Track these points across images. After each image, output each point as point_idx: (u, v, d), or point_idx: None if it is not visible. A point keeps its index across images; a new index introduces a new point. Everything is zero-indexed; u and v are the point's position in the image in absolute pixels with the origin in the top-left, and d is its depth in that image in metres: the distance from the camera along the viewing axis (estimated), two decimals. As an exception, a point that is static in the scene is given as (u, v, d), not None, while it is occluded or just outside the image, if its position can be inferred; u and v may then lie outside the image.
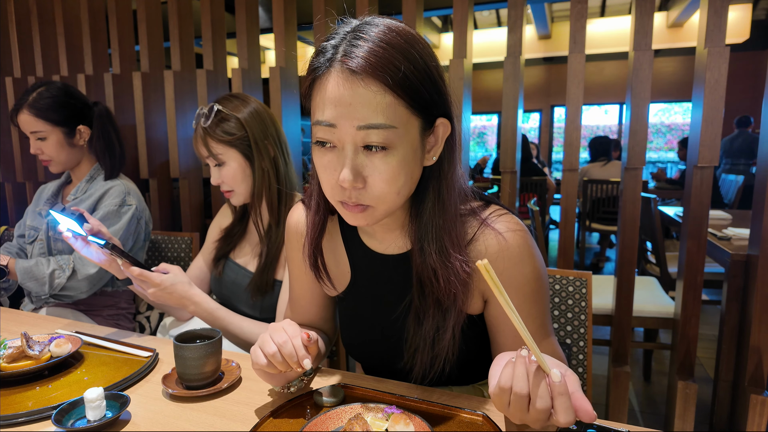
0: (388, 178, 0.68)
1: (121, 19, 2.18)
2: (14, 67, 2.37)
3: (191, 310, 1.14)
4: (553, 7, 6.68)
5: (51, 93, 1.53)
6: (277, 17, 1.96)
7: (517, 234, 0.78)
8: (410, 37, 0.68)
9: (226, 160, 1.23)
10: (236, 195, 1.27)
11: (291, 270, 0.99)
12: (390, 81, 0.64)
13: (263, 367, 0.76)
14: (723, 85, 1.43)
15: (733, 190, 4.55)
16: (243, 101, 1.26)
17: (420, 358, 0.81)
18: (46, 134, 1.53)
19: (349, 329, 0.96)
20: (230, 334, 1.17)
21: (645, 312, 2.10)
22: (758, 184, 1.45)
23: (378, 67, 0.64)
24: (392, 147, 0.67)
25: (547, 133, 9.72)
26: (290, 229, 0.96)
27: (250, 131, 1.23)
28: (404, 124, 0.67)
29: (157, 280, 1.08)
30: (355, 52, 0.65)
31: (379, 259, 0.87)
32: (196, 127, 1.24)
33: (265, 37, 6.12)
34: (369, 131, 0.65)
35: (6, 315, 1.30)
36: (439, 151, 0.74)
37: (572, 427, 0.70)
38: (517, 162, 1.70)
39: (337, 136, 0.67)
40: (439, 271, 0.75)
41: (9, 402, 0.84)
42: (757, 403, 1.44)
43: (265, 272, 1.26)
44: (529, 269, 0.78)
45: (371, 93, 0.64)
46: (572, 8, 1.58)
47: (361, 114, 0.65)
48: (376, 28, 0.67)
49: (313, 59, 0.70)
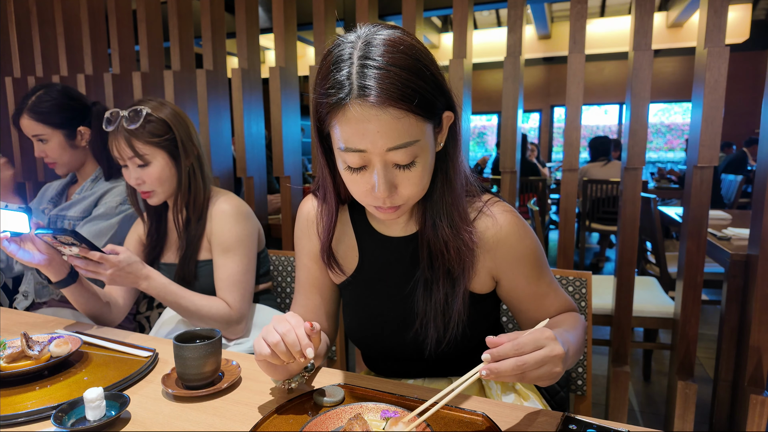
0: (418, 181, 0.77)
1: (121, 19, 2.18)
2: (14, 67, 2.37)
3: (144, 286, 1.18)
4: (553, 7, 6.69)
5: (51, 96, 1.54)
6: (277, 17, 1.96)
7: (511, 214, 0.88)
8: (413, 50, 0.72)
9: (151, 161, 1.26)
10: (156, 195, 1.31)
11: (299, 259, 1.02)
12: (408, 105, 0.69)
13: (267, 357, 0.75)
14: (723, 85, 1.43)
15: (732, 190, 4.56)
16: (161, 104, 1.30)
17: (434, 326, 0.87)
18: (48, 137, 1.54)
19: (353, 314, 0.98)
20: (183, 308, 1.22)
21: (645, 312, 2.10)
22: (758, 184, 1.45)
23: (395, 95, 0.68)
24: (418, 158, 0.74)
25: (547, 133, 9.73)
26: (302, 219, 1.01)
27: (177, 132, 1.28)
28: (423, 134, 0.74)
29: (115, 260, 1.11)
30: (369, 83, 0.68)
31: (387, 242, 0.94)
32: (117, 128, 1.24)
33: (265, 37, 6.11)
34: (397, 151, 0.72)
35: (6, 315, 1.30)
36: (445, 137, 0.81)
37: (572, 427, 0.70)
38: (517, 162, 1.71)
39: (366, 159, 0.74)
40: (451, 243, 0.83)
41: (9, 402, 0.84)
42: (756, 403, 1.44)
43: (186, 263, 1.32)
44: (528, 241, 0.89)
45: (394, 119, 0.70)
46: (572, 8, 1.58)
47: (387, 138, 0.71)
48: (381, 48, 0.70)
49: (327, 91, 0.72)
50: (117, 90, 2.19)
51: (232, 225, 1.31)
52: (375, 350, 0.99)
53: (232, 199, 1.35)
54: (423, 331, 0.88)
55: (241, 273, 1.30)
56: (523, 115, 8.77)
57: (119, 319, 1.35)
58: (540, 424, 0.74)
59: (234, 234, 1.30)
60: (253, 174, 2.09)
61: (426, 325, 0.87)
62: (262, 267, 1.46)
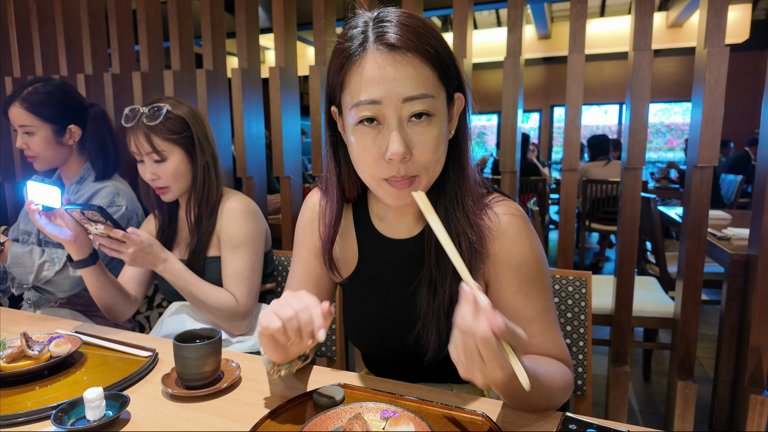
0: (433, 146, 0.73)
1: (121, 19, 2.18)
2: (14, 67, 2.37)
3: (161, 268, 1.22)
4: (552, 7, 6.69)
5: (47, 89, 1.53)
6: (277, 17, 1.96)
7: (515, 218, 0.82)
8: (427, 21, 0.74)
9: (168, 157, 1.29)
10: (170, 191, 1.33)
11: (298, 251, 1.00)
12: (428, 53, 0.69)
13: (275, 331, 0.69)
14: (723, 85, 1.43)
15: (732, 190, 4.55)
16: (180, 102, 1.34)
17: (436, 328, 0.82)
18: (35, 129, 1.52)
19: (353, 315, 0.97)
20: (193, 295, 1.25)
21: (645, 312, 2.10)
22: (758, 184, 1.45)
23: (416, 41, 0.69)
24: (434, 115, 0.72)
25: (547, 133, 9.73)
26: (307, 210, 0.99)
27: (194, 130, 1.32)
28: (438, 93, 0.73)
29: (137, 240, 1.15)
30: (388, 30, 0.69)
31: (388, 244, 0.91)
32: (136, 124, 1.28)
33: (265, 37, 6.12)
34: (414, 102, 0.69)
35: (6, 315, 1.30)
36: (455, 125, 0.80)
37: (571, 427, 0.70)
38: (516, 162, 1.70)
39: (382, 112, 0.71)
40: (463, 236, 0.78)
41: (9, 402, 0.84)
42: (756, 403, 1.44)
43: (195, 259, 1.34)
44: (527, 249, 0.80)
45: (412, 66, 0.69)
46: (572, 8, 1.58)
47: (405, 86, 0.69)
48: (394, 13, 0.73)
49: (341, 46, 0.73)
50: (117, 90, 2.18)
51: (242, 223, 1.33)
52: (374, 352, 0.98)
53: (242, 198, 1.38)
54: (425, 334, 0.84)
55: (248, 269, 1.31)
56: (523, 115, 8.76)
57: (130, 313, 1.37)
58: (540, 424, 0.74)
59: (243, 231, 1.32)
60: (253, 174, 2.09)
61: (428, 327, 0.83)
62: (268, 267, 1.47)
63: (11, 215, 2.49)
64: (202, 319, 1.33)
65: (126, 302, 1.34)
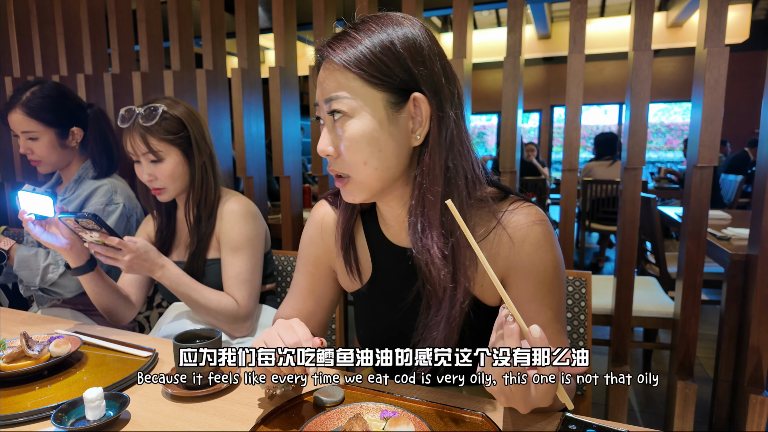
0: (351, 145, 0.75)
1: (121, 19, 2.18)
2: (14, 67, 2.37)
3: (158, 275, 1.21)
4: (552, 7, 6.68)
5: (44, 92, 1.52)
6: (276, 17, 1.96)
7: (536, 225, 0.79)
8: (388, 22, 0.75)
9: (164, 157, 1.28)
10: (167, 192, 1.32)
11: (302, 263, 0.99)
12: (349, 56, 0.73)
13: (266, 370, 0.73)
14: (723, 85, 1.43)
15: (732, 190, 4.55)
16: (176, 102, 1.32)
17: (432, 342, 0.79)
18: (39, 134, 1.52)
19: (364, 324, 0.96)
20: (192, 300, 1.24)
21: (644, 312, 2.10)
22: (758, 184, 1.45)
23: (337, 46, 0.74)
24: (350, 115, 0.74)
25: (547, 133, 9.72)
26: (313, 223, 0.98)
27: (191, 130, 1.31)
28: (362, 96, 0.74)
29: (133, 247, 1.15)
30: (332, 40, 0.76)
31: (400, 252, 0.88)
32: (132, 124, 1.27)
33: (265, 37, 6.11)
34: (332, 102, 0.75)
35: (6, 315, 1.30)
36: (425, 131, 0.76)
37: (571, 427, 0.70)
38: (516, 162, 1.70)
39: (321, 113, 0.78)
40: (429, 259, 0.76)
41: (8, 402, 0.84)
42: (756, 402, 1.44)
43: (195, 261, 1.34)
44: (548, 257, 0.79)
45: (332, 70, 0.75)
46: (572, 8, 1.58)
47: (327, 88, 0.75)
48: (365, 23, 0.76)
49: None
50: (117, 90, 2.18)
51: (242, 224, 1.32)
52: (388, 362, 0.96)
53: (242, 199, 1.37)
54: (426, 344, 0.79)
55: (248, 271, 1.31)
56: (523, 115, 8.76)
57: (131, 316, 1.37)
58: (540, 425, 0.74)
59: (243, 233, 1.32)
60: (252, 174, 2.09)
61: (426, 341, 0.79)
62: (268, 268, 1.47)
63: (11, 215, 2.49)
64: (202, 320, 1.33)
65: (126, 306, 1.34)
